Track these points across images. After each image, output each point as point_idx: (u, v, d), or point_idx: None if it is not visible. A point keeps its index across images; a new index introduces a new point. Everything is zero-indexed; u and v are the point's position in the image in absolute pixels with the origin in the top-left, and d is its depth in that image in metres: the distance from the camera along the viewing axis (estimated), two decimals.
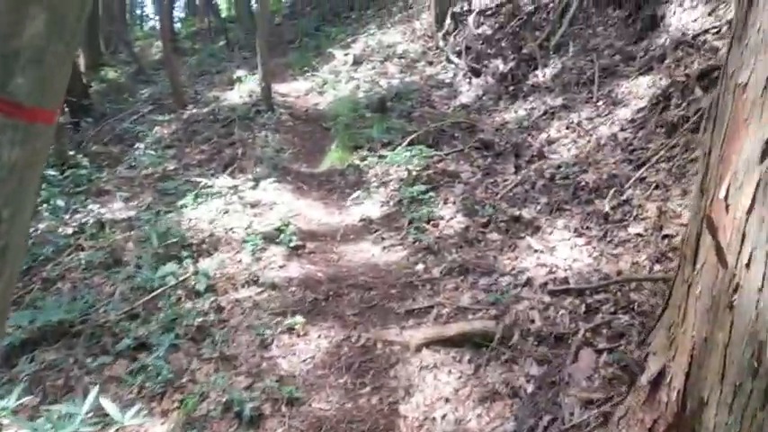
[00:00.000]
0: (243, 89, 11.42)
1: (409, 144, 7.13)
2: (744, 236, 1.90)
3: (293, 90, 11.99)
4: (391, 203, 6.34)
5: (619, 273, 3.73)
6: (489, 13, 10.79)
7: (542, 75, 7.76)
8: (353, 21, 15.34)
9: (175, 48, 23.41)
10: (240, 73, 11.74)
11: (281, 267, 5.12)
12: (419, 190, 5.99)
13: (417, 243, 5.29)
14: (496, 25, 10.18)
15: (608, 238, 4.21)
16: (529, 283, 3.92)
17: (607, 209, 4.46)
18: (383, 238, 5.69)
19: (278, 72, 13.65)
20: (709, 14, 6.00)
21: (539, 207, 5.02)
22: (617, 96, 6.00)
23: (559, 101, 6.84)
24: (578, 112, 6.36)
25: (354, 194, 6.55)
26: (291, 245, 5.44)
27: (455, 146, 7.07)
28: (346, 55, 12.19)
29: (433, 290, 4.48)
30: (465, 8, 11.39)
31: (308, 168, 8.04)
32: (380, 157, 7.16)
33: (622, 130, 5.47)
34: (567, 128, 6.24)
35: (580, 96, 6.72)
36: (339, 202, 6.86)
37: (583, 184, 4.97)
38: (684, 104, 4.98)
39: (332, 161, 7.99)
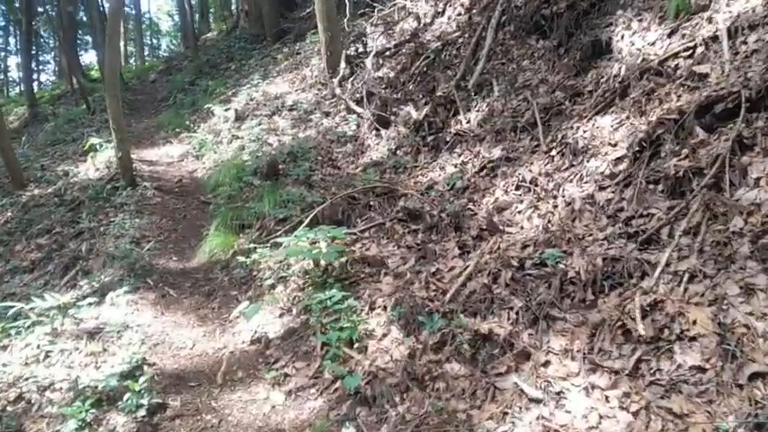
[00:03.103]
0: (99, 160, 9.24)
1: (312, 221, 5.39)
2: None
3: (165, 156, 9.95)
4: (294, 311, 4.53)
5: None
6: (388, 53, 9.44)
7: (466, 120, 6.35)
8: (234, 72, 13.56)
9: (35, 113, 20.57)
10: (96, 140, 9.54)
11: None
12: (332, 293, 4.22)
13: (339, 384, 3.50)
14: (398, 67, 8.81)
15: (646, 375, 2.65)
16: None
17: (628, 321, 2.91)
18: (286, 375, 3.85)
19: (147, 135, 11.60)
20: (670, 35, 4.83)
21: (513, 314, 3.41)
22: (576, 143, 4.62)
23: (497, 152, 5.41)
24: (527, 166, 4.93)
25: (242, 304, 4.66)
26: (141, 413, 3.45)
27: (372, 219, 5.41)
28: (227, 110, 10.35)
29: None
30: (360, 50, 9.99)
31: (178, 263, 6.04)
32: (275, 243, 5.34)
33: (601, 189, 4.04)
34: (518, 188, 4.78)
35: (522, 145, 5.32)
36: (221, 313, 4.95)
37: (571, 274, 3.43)
38: (687, 150, 3.62)
39: (211, 249, 6.05)
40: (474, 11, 8.63)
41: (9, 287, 6.12)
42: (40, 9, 22.12)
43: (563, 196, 4.25)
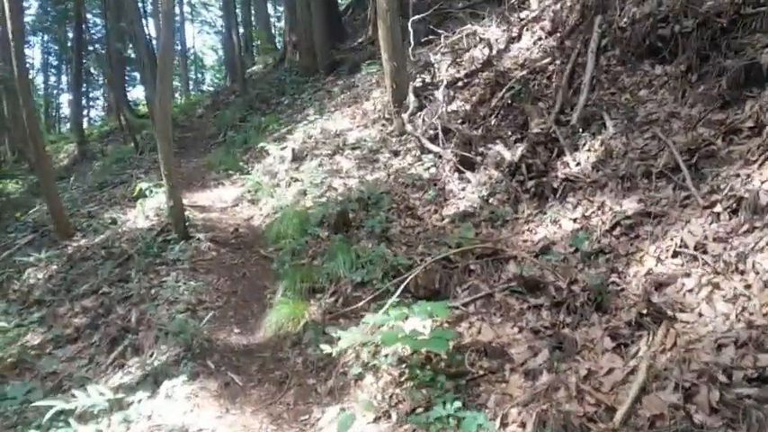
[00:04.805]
0: (148, 206, 8.56)
1: (405, 292, 4.45)
2: None
3: (217, 200, 9.22)
4: (394, 417, 3.55)
5: None
6: (460, 84, 8.56)
7: (575, 162, 5.36)
8: (286, 107, 12.90)
9: (84, 151, 20.48)
10: (145, 185, 8.90)
11: None
12: (454, 406, 3.23)
13: None
14: (474, 99, 7.91)
15: None
16: None
17: None
18: None
19: (197, 176, 10.94)
20: None
21: None
22: (757, 198, 3.55)
23: (631, 204, 4.38)
24: (682, 226, 3.88)
25: (330, 410, 3.71)
26: None
27: (476, 288, 4.43)
28: (283, 149, 9.60)
29: None
30: (426, 81, 9.14)
31: (241, 336, 5.16)
32: (355, 314, 4.42)
33: None
34: (676, 255, 3.73)
35: (665, 196, 4.29)
36: (298, 412, 4.00)
37: None
38: None
39: (278, 320, 5.14)
40: (558, 33, 7.71)
41: (50, 362, 5.34)
42: (90, 47, 22.27)
43: (756, 272, 3.19)
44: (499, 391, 3.37)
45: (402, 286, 4.43)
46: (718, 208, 3.79)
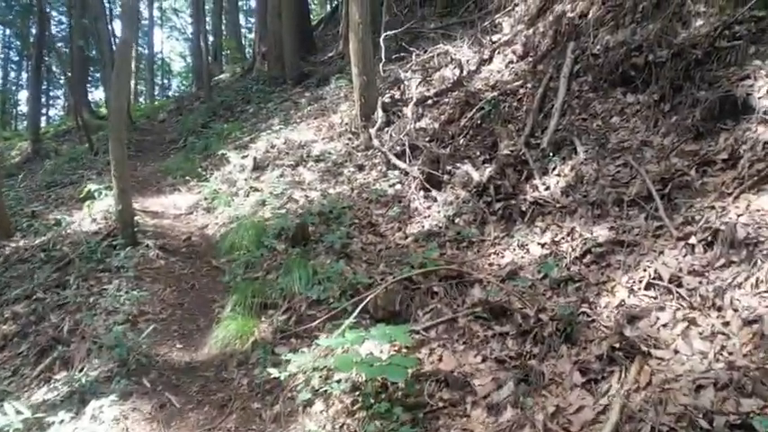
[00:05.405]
0: (96, 209, 8.06)
1: (363, 312, 4.17)
2: None
3: (171, 206, 8.78)
4: None
5: None
6: (429, 102, 8.40)
7: (544, 186, 5.21)
8: (251, 116, 12.54)
9: (37, 149, 19.56)
10: (95, 186, 8.41)
11: None
12: (404, 431, 2.97)
13: None
14: (442, 117, 7.74)
15: None
16: None
17: None
18: None
19: (153, 181, 10.48)
20: None
21: None
22: (733, 232, 3.42)
23: (602, 231, 4.23)
24: (655, 257, 3.73)
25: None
26: None
27: (439, 312, 4.18)
28: (244, 158, 9.26)
29: None
30: (396, 97, 8.96)
31: (184, 353, 4.78)
32: (309, 333, 4.12)
33: None
34: (649, 286, 3.56)
35: (636, 224, 4.15)
36: None
37: None
38: None
39: (225, 336, 4.78)
40: (530, 58, 7.66)
41: None
42: (58, 44, 21.47)
43: (735, 309, 3.03)
44: (460, 426, 3.11)
45: (360, 306, 4.16)
46: (692, 240, 3.65)
